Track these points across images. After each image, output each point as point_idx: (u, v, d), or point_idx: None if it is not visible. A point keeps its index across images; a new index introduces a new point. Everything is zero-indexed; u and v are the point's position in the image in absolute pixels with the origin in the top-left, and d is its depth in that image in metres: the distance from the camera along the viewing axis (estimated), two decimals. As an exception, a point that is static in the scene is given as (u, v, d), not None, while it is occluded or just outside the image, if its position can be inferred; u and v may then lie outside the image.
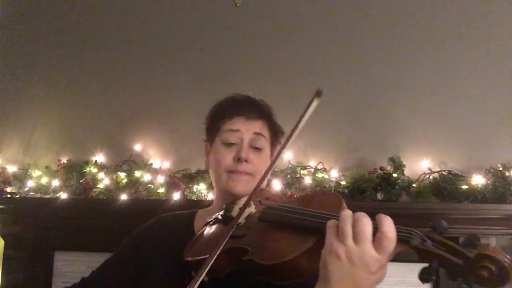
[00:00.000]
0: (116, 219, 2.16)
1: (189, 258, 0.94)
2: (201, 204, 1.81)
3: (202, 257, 0.89)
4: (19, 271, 2.37)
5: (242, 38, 2.47)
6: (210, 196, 2.11)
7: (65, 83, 2.62)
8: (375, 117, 2.29)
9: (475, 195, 2.01)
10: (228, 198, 1.08)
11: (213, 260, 0.82)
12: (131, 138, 2.46)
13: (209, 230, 1.03)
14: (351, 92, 2.33)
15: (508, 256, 0.63)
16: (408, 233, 0.70)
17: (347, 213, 0.73)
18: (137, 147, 2.42)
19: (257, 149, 1.12)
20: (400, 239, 0.70)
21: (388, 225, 0.70)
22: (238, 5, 2.48)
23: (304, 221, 0.81)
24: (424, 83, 2.27)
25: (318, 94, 0.98)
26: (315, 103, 0.98)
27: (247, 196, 0.99)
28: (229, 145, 1.11)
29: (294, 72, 2.39)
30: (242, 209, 0.92)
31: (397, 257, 0.73)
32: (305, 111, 0.98)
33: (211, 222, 1.05)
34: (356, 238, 0.70)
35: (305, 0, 2.44)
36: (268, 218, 0.90)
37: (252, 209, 0.97)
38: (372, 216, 0.73)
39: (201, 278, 0.80)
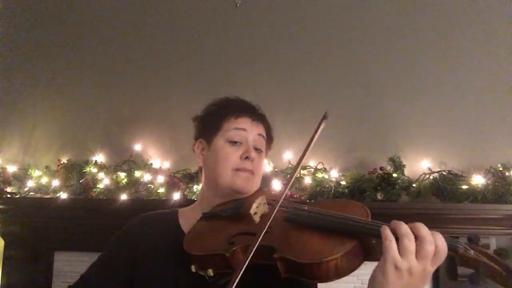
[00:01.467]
0: (116, 219, 2.15)
1: (196, 253, 0.94)
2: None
3: (214, 252, 0.91)
4: (19, 271, 2.37)
5: (242, 38, 2.47)
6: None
7: (65, 83, 2.63)
8: (375, 117, 2.29)
9: (475, 195, 2.00)
10: (226, 195, 1.10)
11: (249, 258, 0.83)
12: (131, 138, 2.46)
13: (212, 225, 1.04)
14: (351, 92, 2.33)
15: None
16: (456, 243, 0.79)
17: (406, 229, 0.78)
18: (137, 147, 2.43)
19: (258, 150, 1.15)
20: (449, 247, 0.78)
21: (442, 242, 0.78)
22: (238, 5, 2.48)
23: (341, 224, 0.87)
24: (424, 83, 2.27)
25: (325, 117, 1.09)
26: (323, 125, 1.07)
27: (263, 196, 1.02)
28: (233, 143, 1.12)
29: (294, 72, 2.39)
30: (272, 210, 0.92)
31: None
32: (314, 134, 1.06)
33: (210, 217, 1.06)
34: (419, 256, 0.76)
35: (305, 0, 2.44)
36: (298, 219, 0.94)
37: (265, 209, 1.00)
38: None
39: (241, 274, 0.82)
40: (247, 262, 0.82)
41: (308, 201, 2.01)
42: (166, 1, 2.58)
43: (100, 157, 2.46)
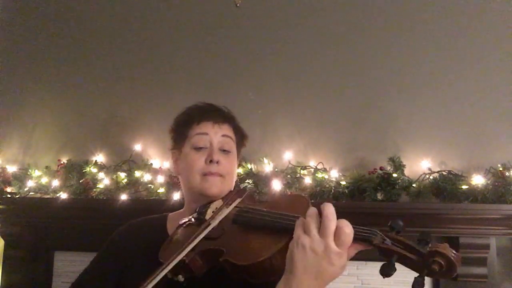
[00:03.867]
0: (116, 219, 2.15)
1: (163, 261, 0.96)
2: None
3: (179, 259, 0.92)
4: (19, 271, 2.37)
5: (242, 38, 2.47)
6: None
7: (65, 83, 2.62)
8: (375, 117, 2.29)
9: (475, 195, 2.00)
10: (200, 201, 1.13)
11: (175, 262, 0.88)
12: (131, 138, 2.46)
13: (182, 232, 1.06)
14: (351, 92, 2.33)
15: (454, 251, 0.73)
16: (371, 233, 0.79)
17: (312, 210, 0.81)
18: (137, 147, 2.42)
19: (226, 152, 1.18)
20: (363, 239, 0.78)
21: (344, 223, 0.78)
22: (238, 5, 2.48)
23: (275, 222, 0.89)
24: (424, 83, 2.27)
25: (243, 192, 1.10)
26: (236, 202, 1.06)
27: (220, 199, 1.06)
28: (198, 149, 1.16)
29: (294, 72, 2.39)
30: (215, 213, 0.97)
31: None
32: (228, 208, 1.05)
33: (185, 225, 1.08)
34: (321, 232, 0.77)
35: (305, 0, 2.44)
36: (241, 220, 0.97)
37: (227, 211, 1.01)
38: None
39: (158, 278, 0.85)
40: (173, 264, 0.87)
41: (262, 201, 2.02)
42: (166, 1, 2.58)
43: (100, 157, 2.46)
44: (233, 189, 1.18)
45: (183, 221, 1.10)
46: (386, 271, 0.76)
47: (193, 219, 1.07)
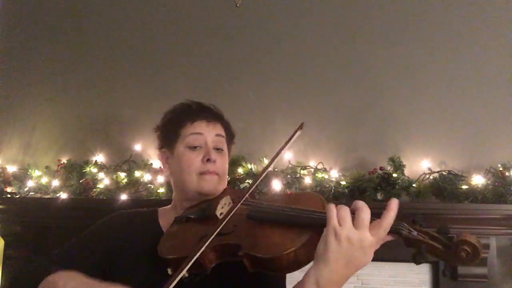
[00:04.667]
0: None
1: (169, 256, 0.98)
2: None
3: (184, 255, 0.93)
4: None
5: (242, 38, 2.47)
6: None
7: (65, 83, 2.62)
8: (375, 117, 2.29)
9: (475, 195, 2.00)
10: (195, 199, 1.14)
11: (194, 259, 0.89)
12: (131, 138, 2.46)
13: (183, 228, 1.07)
14: (351, 92, 2.33)
15: (476, 238, 0.80)
16: (400, 225, 0.85)
17: (343, 206, 0.85)
18: (137, 147, 2.42)
19: (219, 150, 1.19)
20: (392, 231, 0.84)
21: (385, 216, 0.84)
22: (238, 5, 2.47)
23: (297, 217, 0.92)
24: (424, 83, 2.27)
25: (301, 127, 1.18)
26: (298, 134, 1.16)
27: (227, 196, 1.08)
28: (193, 148, 1.16)
29: (294, 72, 2.39)
30: (230, 210, 0.98)
31: (397, 257, 0.75)
32: (288, 141, 1.16)
33: (182, 220, 1.09)
34: (356, 224, 0.82)
35: (305, 0, 2.44)
36: (257, 215, 0.99)
37: (237, 207, 1.02)
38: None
39: (180, 276, 0.87)
40: (192, 261, 0.88)
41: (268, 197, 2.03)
42: (166, 1, 2.58)
43: (100, 157, 2.45)
44: (228, 186, 1.21)
45: (180, 217, 1.10)
46: (418, 259, 0.81)
47: (193, 216, 1.08)
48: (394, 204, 0.85)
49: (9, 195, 2.39)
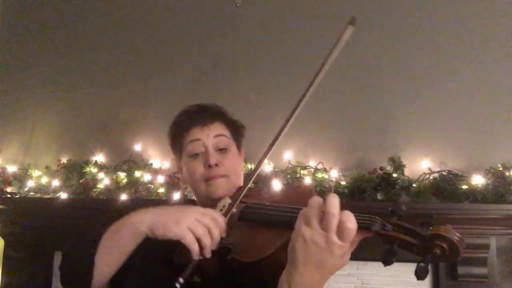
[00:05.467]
0: (116, 219, 2.16)
1: (181, 262, 0.95)
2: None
3: (191, 260, 0.91)
4: (19, 271, 2.37)
5: (242, 38, 2.47)
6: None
7: (65, 83, 2.63)
8: (375, 117, 2.29)
9: (475, 195, 2.00)
10: (210, 204, 1.11)
11: (193, 264, 0.86)
12: (131, 138, 2.46)
13: None
14: (351, 92, 2.33)
15: (458, 234, 0.69)
16: (370, 220, 0.77)
17: (315, 200, 0.78)
18: (137, 147, 2.42)
19: (223, 150, 1.17)
20: (362, 227, 0.76)
21: (348, 217, 0.75)
22: (238, 5, 2.47)
23: (278, 216, 0.88)
24: (424, 83, 2.27)
25: (352, 22, 1.03)
26: (349, 31, 1.02)
27: (226, 197, 1.05)
28: (195, 156, 1.16)
29: (294, 72, 2.39)
30: (227, 212, 0.96)
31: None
32: (338, 40, 1.03)
33: None
34: (323, 226, 0.75)
35: (305, 0, 2.44)
36: (246, 216, 0.96)
37: (233, 208, 1.01)
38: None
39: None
40: (191, 266, 0.86)
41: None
42: (166, 1, 2.58)
43: (100, 157, 2.46)
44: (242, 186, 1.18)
45: None
46: (386, 259, 0.73)
47: None
48: (330, 202, 0.76)
49: (9, 195, 2.39)
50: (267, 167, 2.20)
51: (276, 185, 2.10)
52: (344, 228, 0.74)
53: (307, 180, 2.16)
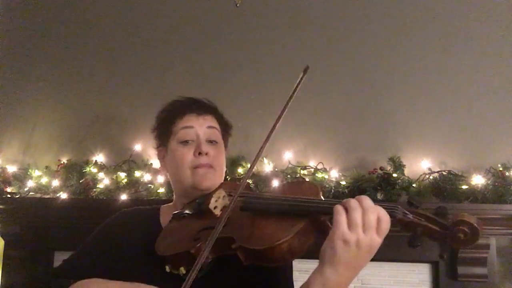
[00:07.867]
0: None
1: (166, 254, 0.96)
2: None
3: (182, 251, 0.92)
4: (19, 271, 2.37)
5: (242, 38, 2.47)
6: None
7: (65, 83, 2.63)
8: (375, 117, 2.29)
9: (475, 195, 2.01)
10: (192, 195, 1.12)
11: (206, 253, 0.85)
12: (131, 138, 2.46)
13: (180, 225, 1.06)
14: (351, 92, 2.33)
15: (476, 217, 0.77)
16: (393, 208, 0.84)
17: (355, 204, 0.82)
18: (137, 147, 2.42)
19: (213, 142, 1.17)
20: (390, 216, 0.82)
21: (383, 212, 0.82)
22: (238, 5, 2.48)
23: (290, 206, 0.91)
24: (424, 83, 2.27)
25: (305, 71, 1.13)
26: (303, 79, 1.10)
27: (221, 189, 1.05)
28: (185, 143, 1.15)
29: (294, 72, 2.37)
30: (230, 204, 0.94)
31: (397, 258, 0.75)
32: (295, 88, 1.11)
33: (179, 217, 1.08)
34: (364, 228, 0.81)
35: (306, 0, 2.44)
36: (251, 207, 0.97)
37: (226, 201, 1.02)
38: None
39: (195, 272, 0.82)
40: (207, 250, 0.84)
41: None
42: (166, 1, 2.58)
43: (100, 157, 2.45)
44: (227, 180, 1.18)
45: (177, 214, 1.10)
46: (414, 243, 0.79)
47: (188, 212, 1.07)
48: (367, 203, 0.83)
49: (9, 195, 2.38)
50: (267, 167, 2.20)
51: (276, 185, 2.10)
52: (382, 223, 0.81)
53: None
